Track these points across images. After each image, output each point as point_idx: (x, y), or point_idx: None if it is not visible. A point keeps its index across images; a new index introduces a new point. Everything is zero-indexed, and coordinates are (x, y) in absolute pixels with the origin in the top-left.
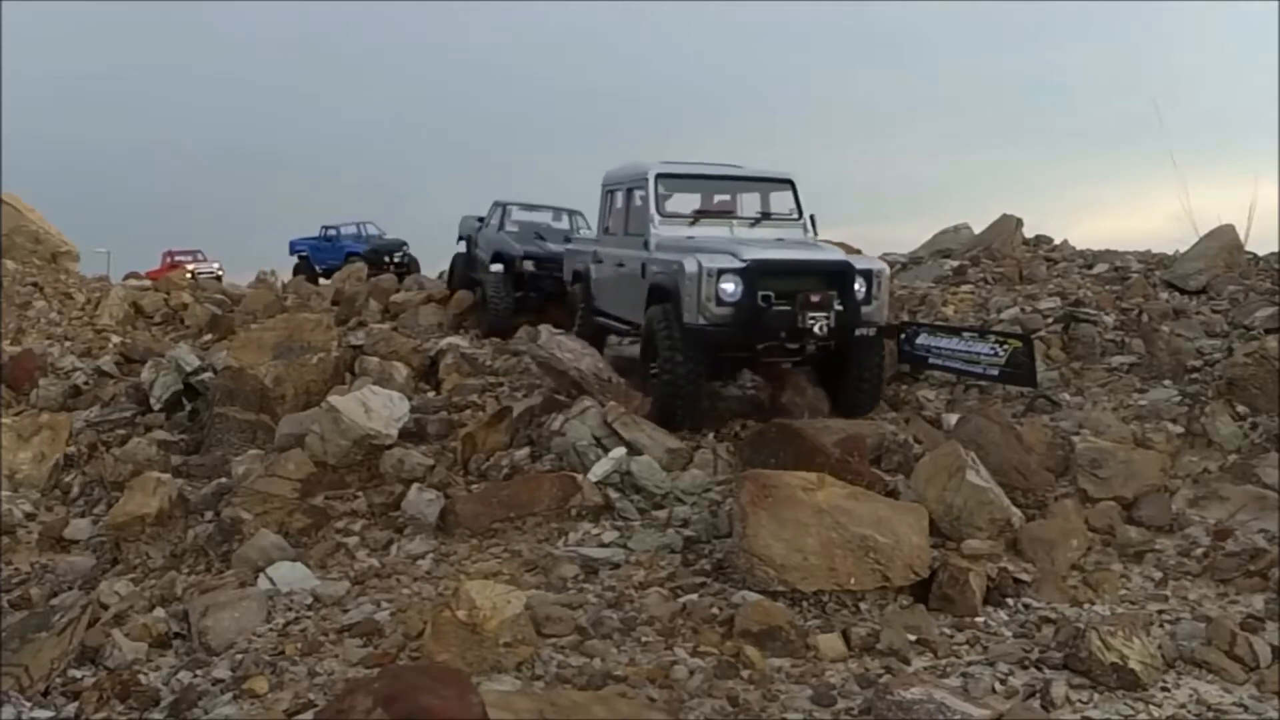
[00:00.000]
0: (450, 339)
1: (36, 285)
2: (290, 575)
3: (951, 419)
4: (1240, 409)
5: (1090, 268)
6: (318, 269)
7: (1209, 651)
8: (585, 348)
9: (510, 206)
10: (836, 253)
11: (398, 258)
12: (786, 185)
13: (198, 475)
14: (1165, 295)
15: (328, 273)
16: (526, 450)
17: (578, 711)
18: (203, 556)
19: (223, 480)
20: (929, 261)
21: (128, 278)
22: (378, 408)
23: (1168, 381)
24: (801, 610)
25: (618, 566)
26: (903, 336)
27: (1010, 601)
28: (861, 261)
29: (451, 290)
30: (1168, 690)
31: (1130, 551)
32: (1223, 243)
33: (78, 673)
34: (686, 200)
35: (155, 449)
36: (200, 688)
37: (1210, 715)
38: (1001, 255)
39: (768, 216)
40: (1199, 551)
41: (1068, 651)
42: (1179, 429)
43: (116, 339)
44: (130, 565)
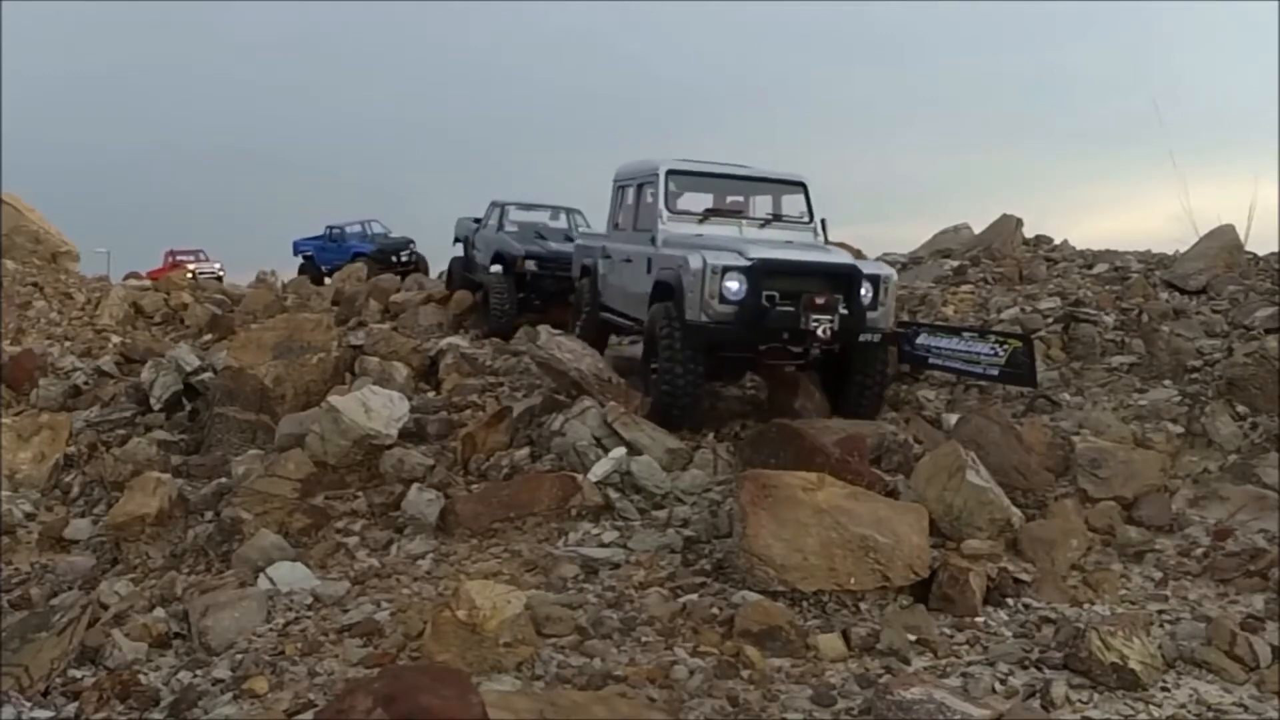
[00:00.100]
0: (450, 339)
1: (36, 285)
2: (290, 575)
3: (951, 419)
4: (1240, 409)
5: (1090, 268)
6: (323, 269)
7: (1209, 651)
8: (585, 348)
9: (508, 206)
10: (844, 256)
11: (405, 256)
12: (799, 188)
13: (198, 475)
14: (1165, 295)
15: (333, 273)
16: (526, 450)
17: (578, 711)
18: (203, 556)
19: (223, 480)
20: (929, 261)
21: (128, 278)
22: (378, 408)
23: (1168, 381)
24: (801, 610)
25: (618, 566)
26: (903, 336)
27: (1010, 601)
28: (869, 266)
29: (450, 292)
30: (1168, 690)
31: (1130, 551)
32: (1223, 243)
33: (78, 673)
34: (698, 200)
35: (155, 449)
36: (200, 688)
37: (1210, 715)
38: (1001, 255)
39: (778, 218)
40: (1199, 551)
41: (1068, 651)
42: (1179, 429)
43: (116, 339)
44: (130, 565)
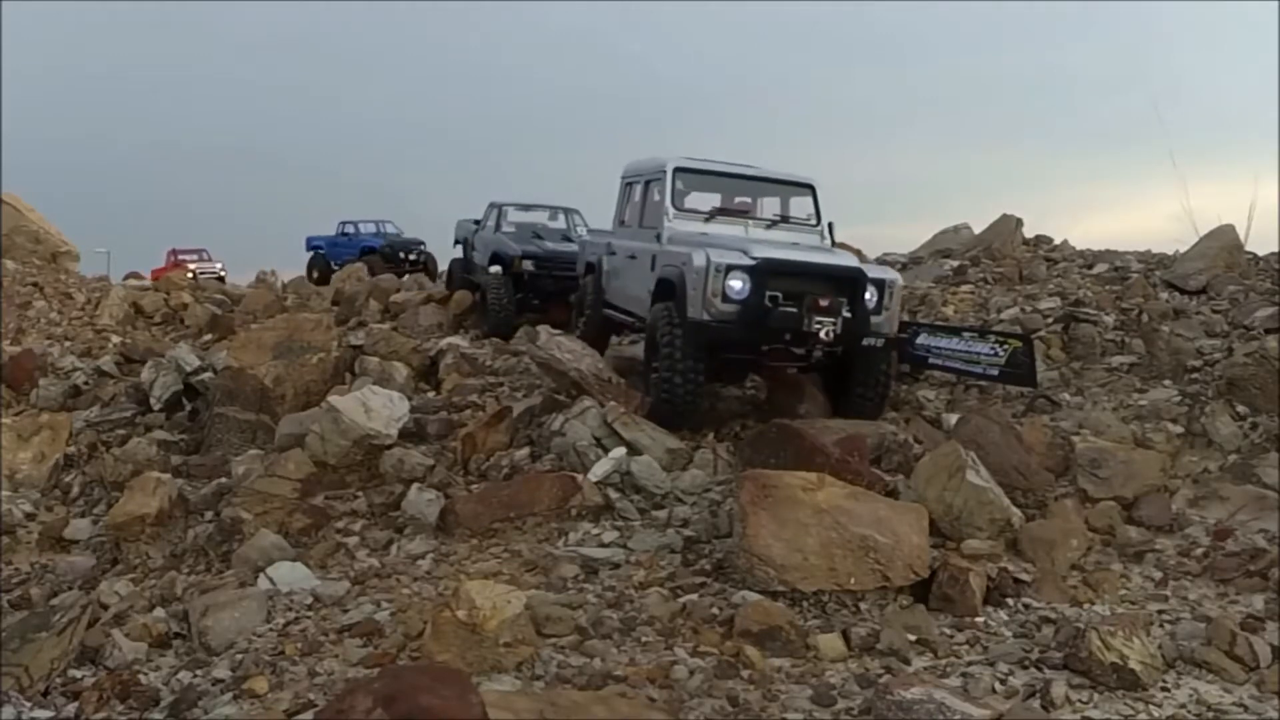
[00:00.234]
0: (450, 339)
1: (36, 285)
2: (290, 575)
3: (951, 419)
4: (1240, 409)
5: (1090, 268)
6: (334, 265)
7: (1209, 651)
8: (585, 348)
9: (506, 207)
10: (850, 259)
11: (414, 256)
12: (807, 190)
13: (198, 475)
14: (1165, 295)
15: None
16: (526, 450)
17: (578, 711)
18: (203, 556)
19: (223, 480)
20: (929, 261)
21: (128, 278)
22: (378, 408)
23: (1168, 381)
24: (801, 610)
25: (618, 566)
26: (903, 336)
27: (1010, 601)
28: (874, 270)
29: (450, 292)
30: (1168, 690)
31: (1130, 551)
32: (1223, 243)
33: (78, 673)
34: (705, 200)
35: (155, 449)
36: (200, 688)
37: (1210, 715)
38: (1001, 255)
39: (786, 220)
40: (1199, 551)
41: (1068, 651)
42: (1179, 429)
43: (116, 339)
44: (130, 565)
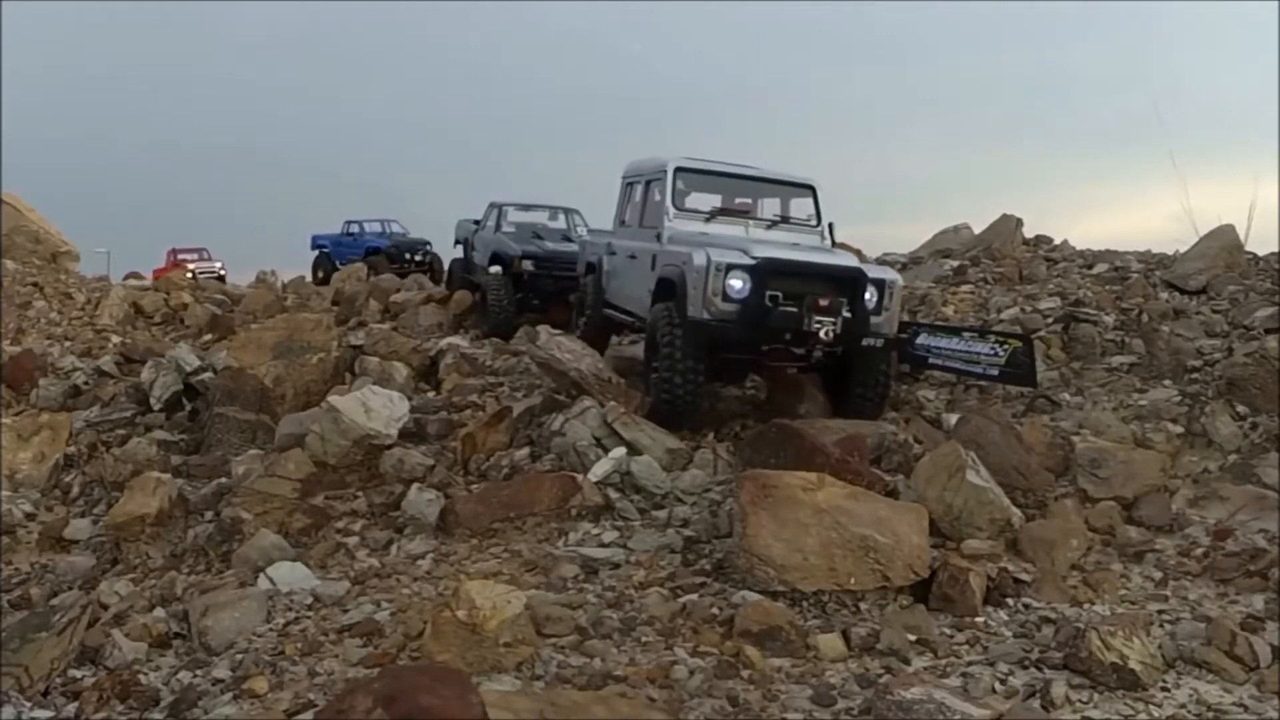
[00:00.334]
0: (450, 339)
1: (36, 285)
2: (290, 575)
3: (951, 419)
4: (1240, 409)
5: (1090, 268)
6: (338, 264)
7: (1209, 651)
8: (585, 348)
9: (506, 207)
10: (850, 260)
11: (419, 257)
12: (808, 191)
13: (198, 475)
14: (1165, 295)
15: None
16: (526, 450)
17: (578, 711)
18: (203, 556)
19: (223, 480)
20: (929, 261)
21: (128, 277)
22: (378, 408)
23: (1168, 381)
24: (801, 610)
25: (618, 566)
26: (903, 336)
27: (1010, 601)
28: (875, 270)
29: (450, 293)
30: (1168, 690)
31: (1130, 551)
32: (1223, 243)
33: (78, 673)
34: (706, 200)
35: (155, 449)
36: (200, 688)
37: (1210, 715)
38: (1001, 255)
39: (786, 220)
40: (1199, 551)
41: (1068, 651)
42: (1179, 429)
43: (116, 339)
44: (130, 565)
